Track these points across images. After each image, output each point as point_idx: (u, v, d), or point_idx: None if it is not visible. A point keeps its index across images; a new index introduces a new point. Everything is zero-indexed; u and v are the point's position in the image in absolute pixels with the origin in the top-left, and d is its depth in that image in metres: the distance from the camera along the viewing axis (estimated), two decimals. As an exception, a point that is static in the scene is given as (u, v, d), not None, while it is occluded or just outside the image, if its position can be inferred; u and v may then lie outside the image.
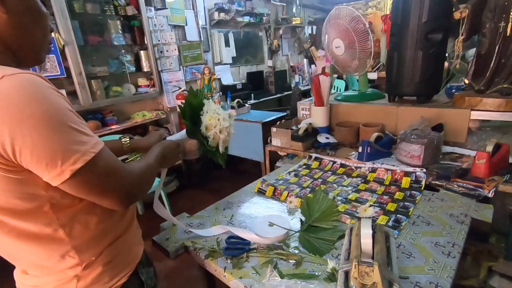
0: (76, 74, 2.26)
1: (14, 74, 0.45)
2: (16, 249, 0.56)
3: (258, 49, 4.41)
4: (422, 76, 1.40)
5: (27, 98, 0.44)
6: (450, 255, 0.76)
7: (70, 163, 0.47)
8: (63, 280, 0.58)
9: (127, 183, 0.56)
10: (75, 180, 0.48)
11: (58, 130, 0.46)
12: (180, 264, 1.97)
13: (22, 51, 0.55)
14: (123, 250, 0.65)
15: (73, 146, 0.47)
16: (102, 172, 0.51)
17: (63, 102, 0.49)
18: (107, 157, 0.53)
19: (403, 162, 1.26)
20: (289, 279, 0.70)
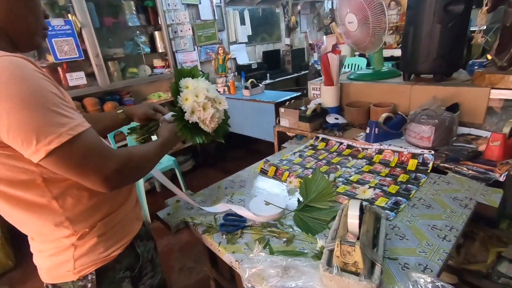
0: (94, 56, 2.33)
1: (1, 56, 0.47)
2: (18, 217, 0.60)
3: (275, 26, 4.28)
4: (439, 52, 1.31)
5: (9, 78, 0.46)
6: (446, 238, 0.74)
7: (45, 143, 0.48)
8: (61, 247, 0.63)
9: (109, 166, 0.56)
10: (52, 160, 0.50)
11: (35, 111, 0.48)
12: (193, 238, 2.08)
13: (17, 35, 0.57)
14: (118, 224, 0.69)
15: (49, 127, 0.48)
16: (80, 154, 0.52)
17: (46, 84, 0.51)
18: (88, 138, 0.54)
19: (413, 144, 1.21)
20: (278, 255, 0.72)
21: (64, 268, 0.64)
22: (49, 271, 0.66)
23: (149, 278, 0.77)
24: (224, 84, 3.09)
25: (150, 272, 0.78)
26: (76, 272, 0.64)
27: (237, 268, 0.75)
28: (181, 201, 1.04)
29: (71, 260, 0.63)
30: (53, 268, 0.65)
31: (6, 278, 1.93)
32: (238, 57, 3.70)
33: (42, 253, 0.65)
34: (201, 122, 0.82)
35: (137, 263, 0.73)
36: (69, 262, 0.63)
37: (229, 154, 3.55)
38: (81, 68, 2.34)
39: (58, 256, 0.64)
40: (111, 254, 0.67)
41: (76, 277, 0.64)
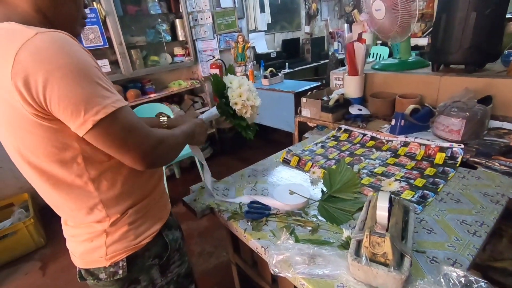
0: (117, 44, 2.38)
1: (47, 31, 0.49)
2: (55, 197, 0.62)
3: (295, 14, 4.19)
4: (473, 42, 1.25)
5: (57, 51, 0.48)
6: (476, 234, 0.73)
7: (92, 113, 0.50)
8: (94, 233, 0.65)
9: (147, 142, 0.58)
10: (97, 131, 0.52)
11: (84, 82, 0.49)
12: (212, 224, 2.13)
13: (59, 23, 0.58)
14: (147, 213, 0.70)
15: (96, 98, 0.50)
16: (123, 127, 0.54)
17: (90, 59, 0.53)
18: (129, 114, 0.56)
19: (440, 137, 1.18)
20: (303, 243, 0.73)
21: (97, 254, 0.66)
22: (82, 256, 0.67)
23: (177, 267, 0.79)
24: (243, 73, 3.08)
25: (178, 260, 0.79)
26: (108, 258, 0.66)
27: (263, 254, 0.77)
28: (205, 187, 1.07)
29: (103, 246, 0.65)
30: (85, 253, 0.67)
31: (38, 254, 2.06)
32: (257, 46, 3.66)
33: (75, 238, 0.67)
34: (243, 110, 0.94)
35: (165, 252, 0.75)
36: (102, 248, 0.65)
37: (247, 143, 3.57)
38: (105, 56, 2.40)
39: (91, 242, 0.66)
40: (141, 242, 0.69)
41: (108, 263, 0.66)
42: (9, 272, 1.92)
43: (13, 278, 1.87)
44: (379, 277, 0.58)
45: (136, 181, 0.68)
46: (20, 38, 0.47)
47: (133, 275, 0.69)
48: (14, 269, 1.94)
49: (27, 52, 0.46)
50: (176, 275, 0.79)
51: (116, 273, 0.67)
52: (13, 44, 0.47)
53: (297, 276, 0.65)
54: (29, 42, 0.47)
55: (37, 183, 0.61)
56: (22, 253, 2.03)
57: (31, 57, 0.46)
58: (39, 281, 1.83)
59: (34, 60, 0.46)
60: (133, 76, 2.56)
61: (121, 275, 0.67)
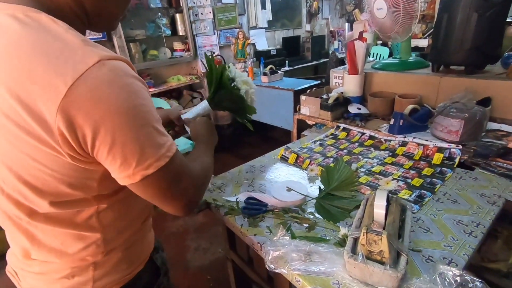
0: (116, 37, 2.36)
1: (110, 59, 0.40)
2: (43, 230, 0.50)
3: (296, 12, 4.18)
4: (474, 43, 1.25)
5: (119, 91, 0.40)
6: (472, 234, 0.73)
7: (144, 167, 0.44)
8: (80, 267, 0.53)
9: (192, 188, 0.53)
10: (144, 184, 0.46)
11: (140, 130, 0.42)
12: (208, 220, 2.13)
13: (98, 17, 0.50)
14: (140, 238, 0.62)
15: (150, 149, 0.44)
16: (172, 178, 0.49)
17: (148, 96, 0.45)
18: (179, 160, 0.50)
19: (439, 137, 1.18)
20: (299, 240, 0.73)
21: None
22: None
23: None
24: (243, 70, 3.07)
25: (167, 285, 0.72)
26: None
27: (259, 250, 0.76)
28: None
29: (90, 282, 0.54)
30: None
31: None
32: (257, 43, 3.65)
33: (47, 275, 0.53)
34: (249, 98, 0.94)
35: (156, 278, 0.67)
36: (87, 284, 0.54)
37: (245, 140, 3.57)
38: (104, 48, 2.38)
39: (72, 279, 0.53)
40: (133, 270, 0.60)
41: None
42: (3, 264, 1.91)
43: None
44: (375, 275, 0.58)
45: (138, 206, 0.60)
46: (79, 62, 0.37)
47: None
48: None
49: (84, 87, 0.37)
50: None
51: None
52: (65, 68, 0.37)
53: (292, 273, 0.65)
54: (91, 75, 0.37)
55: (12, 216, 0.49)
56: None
57: (89, 93, 0.37)
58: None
59: (91, 98, 0.38)
60: (132, 70, 2.54)
61: None
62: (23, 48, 0.38)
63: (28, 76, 0.37)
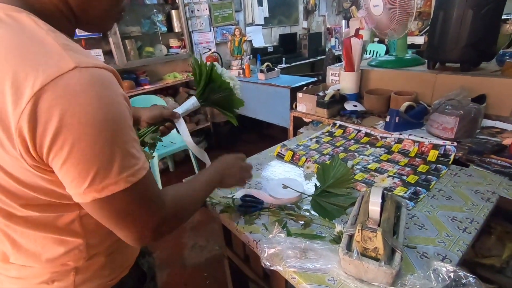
0: (111, 33, 2.33)
1: (89, 67, 0.37)
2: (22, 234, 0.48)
3: (293, 9, 4.16)
4: (469, 40, 1.25)
5: (88, 102, 0.36)
6: (466, 230, 0.74)
7: (97, 189, 0.39)
8: (60, 272, 0.51)
9: (159, 219, 0.47)
10: (95, 205, 0.41)
11: (104, 148, 0.38)
12: (205, 218, 2.13)
13: (85, 15, 0.46)
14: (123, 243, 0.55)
15: (110, 171, 0.39)
16: (130, 206, 0.43)
17: (126, 111, 0.42)
18: (144, 186, 0.44)
19: (434, 134, 1.19)
20: (295, 237, 0.73)
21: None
22: None
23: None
24: (239, 67, 3.06)
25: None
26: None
27: (255, 248, 0.76)
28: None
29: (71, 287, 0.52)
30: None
31: None
32: (254, 40, 3.63)
33: (25, 280, 0.52)
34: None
35: (142, 283, 0.65)
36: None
37: (242, 137, 3.56)
38: (99, 45, 2.36)
39: (51, 284, 0.51)
40: (117, 276, 0.58)
41: None
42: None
43: None
44: (369, 272, 0.58)
45: None
46: (51, 67, 0.35)
47: None
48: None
49: (52, 94, 0.35)
50: None
51: None
52: (36, 71, 0.35)
53: (288, 270, 0.65)
54: (62, 81, 0.35)
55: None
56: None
57: (55, 101, 0.35)
58: None
59: (56, 106, 0.35)
60: (127, 67, 2.52)
61: None
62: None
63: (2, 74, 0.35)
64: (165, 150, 2.34)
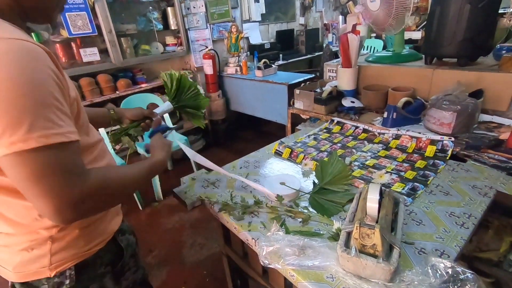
0: (107, 31, 2.31)
1: (12, 38, 0.43)
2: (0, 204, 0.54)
3: (290, 4, 4.13)
4: (466, 35, 1.25)
5: (8, 62, 0.41)
6: (464, 225, 0.74)
7: (6, 143, 0.41)
8: (37, 240, 0.57)
9: (70, 194, 0.46)
10: (6, 162, 0.43)
11: (17, 104, 0.41)
12: (204, 216, 2.13)
13: (35, 11, 0.54)
14: (100, 218, 0.65)
15: (20, 127, 0.41)
16: (40, 171, 0.43)
17: (50, 83, 0.45)
18: (60, 154, 0.45)
19: (431, 130, 1.19)
20: (293, 234, 0.73)
21: (38, 264, 0.58)
22: (18, 269, 0.59)
23: (132, 273, 0.75)
24: (236, 64, 3.04)
25: (133, 267, 0.75)
26: (52, 268, 0.59)
27: (253, 246, 0.76)
28: (196, 179, 1.06)
29: (48, 255, 0.58)
30: (23, 264, 0.58)
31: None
32: (251, 36, 3.61)
33: (9, 248, 0.58)
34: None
35: (120, 258, 0.70)
36: (45, 257, 0.58)
37: (239, 135, 3.56)
38: (94, 44, 2.33)
39: (30, 251, 0.58)
40: (92, 248, 0.63)
41: (53, 273, 0.59)
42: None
43: None
44: (368, 268, 0.58)
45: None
46: None
47: (82, 284, 0.63)
48: None
49: None
50: (132, 282, 0.75)
51: (61, 284, 0.61)
52: None
53: (287, 268, 0.65)
54: None
55: None
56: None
57: None
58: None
59: None
60: (124, 65, 2.50)
61: (68, 285, 0.61)
62: None
63: None
64: (163, 149, 2.33)
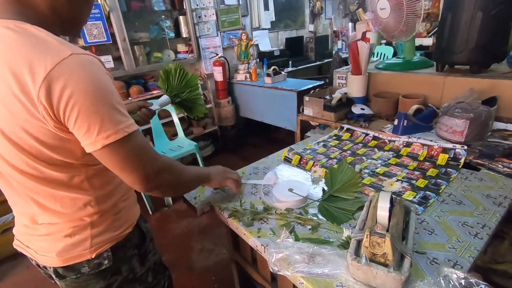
0: (121, 40, 2.38)
1: (80, 54, 0.52)
2: (43, 196, 0.62)
3: (299, 12, 4.17)
4: (479, 42, 1.23)
5: (87, 74, 0.51)
6: (478, 236, 0.72)
7: (103, 137, 0.53)
8: (79, 226, 0.65)
9: (153, 166, 0.61)
10: (105, 152, 0.55)
11: (102, 107, 0.53)
12: (213, 221, 2.14)
13: (69, 24, 0.61)
14: (127, 205, 0.74)
15: (110, 123, 0.54)
16: (130, 152, 0.58)
17: (112, 83, 0.56)
18: (139, 139, 0.59)
19: (443, 138, 1.17)
20: (303, 242, 0.73)
21: (80, 248, 0.65)
22: (62, 254, 0.65)
23: (153, 255, 0.82)
24: (246, 71, 3.08)
25: (152, 250, 0.82)
26: (93, 250, 0.66)
27: (262, 252, 0.77)
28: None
29: (89, 239, 0.66)
30: (66, 249, 0.65)
31: None
32: (260, 44, 3.65)
33: (52, 235, 0.65)
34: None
35: (143, 241, 0.78)
36: (86, 241, 0.66)
37: (248, 141, 3.57)
38: (108, 51, 2.40)
39: (73, 237, 0.65)
40: (124, 231, 0.71)
41: (94, 255, 0.66)
42: (11, 265, 1.94)
43: (15, 272, 1.89)
44: (378, 277, 0.58)
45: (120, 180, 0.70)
46: (55, 55, 0.49)
47: (116, 265, 0.70)
48: (16, 262, 1.96)
49: (58, 73, 0.49)
50: (153, 263, 0.82)
51: (100, 264, 0.68)
52: (46, 59, 0.49)
53: (296, 275, 0.65)
54: (64, 63, 0.49)
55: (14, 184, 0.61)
56: (24, 246, 2.05)
57: (62, 76, 0.49)
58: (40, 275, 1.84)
59: (64, 80, 0.49)
60: (136, 72, 2.57)
61: (106, 265, 0.68)
62: (17, 47, 0.50)
63: (21, 63, 0.49)
64: (173, 154, 2.36)
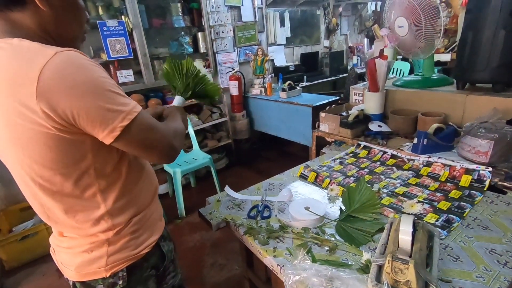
0: (142, 55, 2.47)
1: (63, 51, 0.52)
2: (59, 210, 0.62)
3: (315, 28, 4.22)
4: (502, 60, 1.20)
5: (75, 69, 0.51)
6: (507, 265, 0.68)
7: (119, 121, 0.54)
8: (95, 243, 0.65)
9: (167, 138, 0.64)
10: (125, 136, 0.56)
11: (104, 95, 0.53)
12: (225, 236, 2.12)
13: (61, 40, 0.61)
14: (147, 222, 0.72)
15: (119, 107, 0.55)
16: (146, 128, 0.59)
17: (102, 72, 0.56)
18: (147, 116, 0.61)
19: (466, 158, 1.13)
20: (320, 264, 0.71)
21: (96, 265, 0.65)
22: (79, 269, 0.66)
23: (172, 278, 0.80)
24: (261, 86, 3.11)
25: (173, 272, 0.80)
26: (108, 269, 0.65)
27: (278, 273, 0.75)
28: (221, 200, 1.07)
29: (104, 257, 0.65)
30: (83, 265, 0.65)
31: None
32: (276, 59, 3.70)
33: (72, 249, 0.66)
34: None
35: (162, 263, 0.76)
36: (102, 258, 0.65)
37: (262, 154, 3.57)
38: (129, 66, 2.49)
39: (90, 253, 0.65)
40: (141, 251, 0.69)
41: (108, 274, 0.65)
42: (28, 272, 1.98)
43: (31, 279, 1.92)
44: (401, 306, 0.55)
45: (138, 191, 0.70)
46: (42, 58, 0.50)
47: (131, 286, 0.69)
48: (33, 269, 1.99)
49: (49, 72, 0.49)
50: (171, 286, 0.80)
51: (115, 284, 0.66)
52: (35, 64, 0.49)
53: (313, 299, 0.63)
54: (50, 62, 0.50)
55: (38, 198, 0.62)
56: (41, 254, 2.08)
57: (53, 75, 0.49)
58: (56, 283, 1.86)
59: (57, 78, 0.50)
60: (155, 86, 2.64)
61: (121, 285, 0.67)
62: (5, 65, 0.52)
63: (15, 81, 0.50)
64: (187, 167, 2.39)
